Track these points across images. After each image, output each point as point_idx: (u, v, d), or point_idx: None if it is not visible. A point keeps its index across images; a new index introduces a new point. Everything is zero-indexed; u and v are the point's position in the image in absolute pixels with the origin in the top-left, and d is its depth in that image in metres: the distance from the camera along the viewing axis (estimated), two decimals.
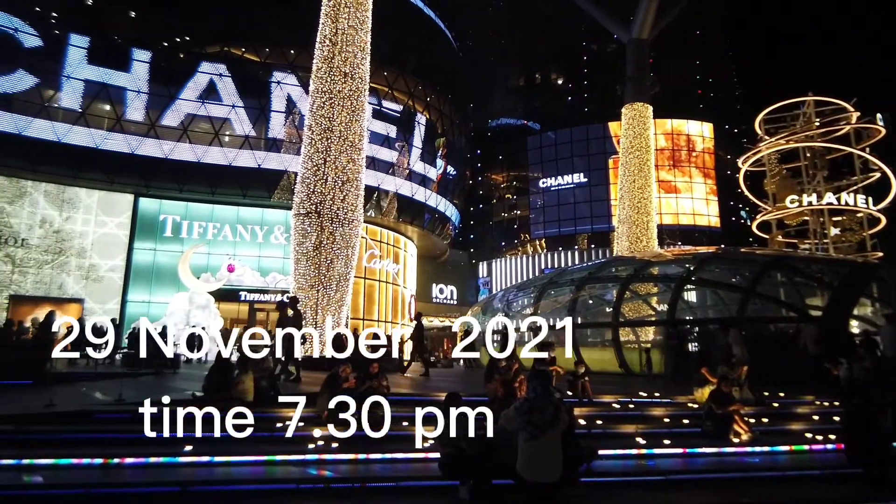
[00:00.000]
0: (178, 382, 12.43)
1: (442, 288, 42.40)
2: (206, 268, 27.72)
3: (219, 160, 27.25)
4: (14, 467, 6.22)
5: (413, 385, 12.73)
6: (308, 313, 18.18)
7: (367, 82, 20.36)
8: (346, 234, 19.00)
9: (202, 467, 6.50)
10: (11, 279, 24.77)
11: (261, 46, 29.50)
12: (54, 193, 25.98)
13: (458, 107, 37.91)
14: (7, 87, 23.78)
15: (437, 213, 35.16)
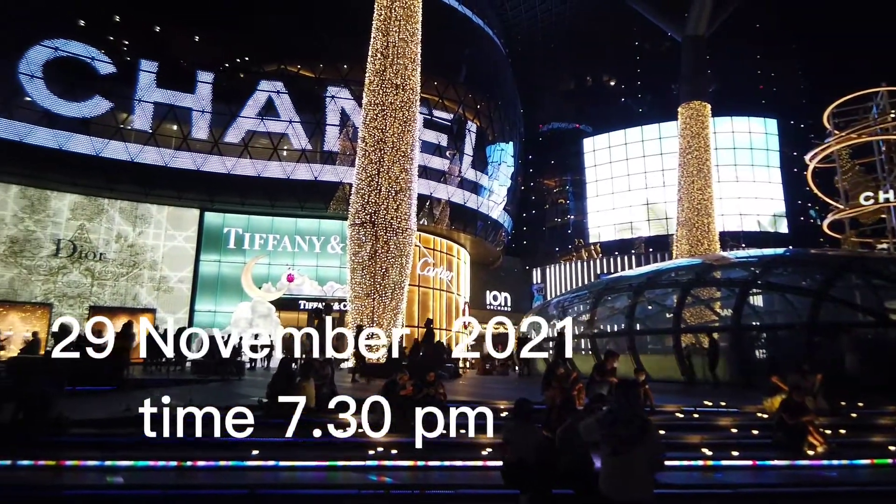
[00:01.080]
0: (243, 388, 12.91)
1: (496, 295, 42.25)
2: (267, 278, 28.74)
3: (277, 174, 28.25)
4: (98, 468, 6.64)
5: (470, 392, 12.73)
6: (364, 321, 18.58)
7: (418, 93, 20.68)
8: (400, 243, 19.31)
9: (268, 471, 6.73)
10: (91, 291, 26.46)
11: (315, 62, 30.46)
12: (128, 210, 27.63)
13: (509, 113, 37.84)
14: (86, 112, 25.50)
15: (490, 220, 35.13)
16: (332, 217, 28.75)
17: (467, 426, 8.29)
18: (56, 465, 6.66)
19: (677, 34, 30.14)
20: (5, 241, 24.84)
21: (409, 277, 20.15)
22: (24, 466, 6.67)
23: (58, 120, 24.82)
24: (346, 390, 11.30)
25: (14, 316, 25.04)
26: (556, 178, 57.00)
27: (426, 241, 31.72)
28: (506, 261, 43.60)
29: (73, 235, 26.25)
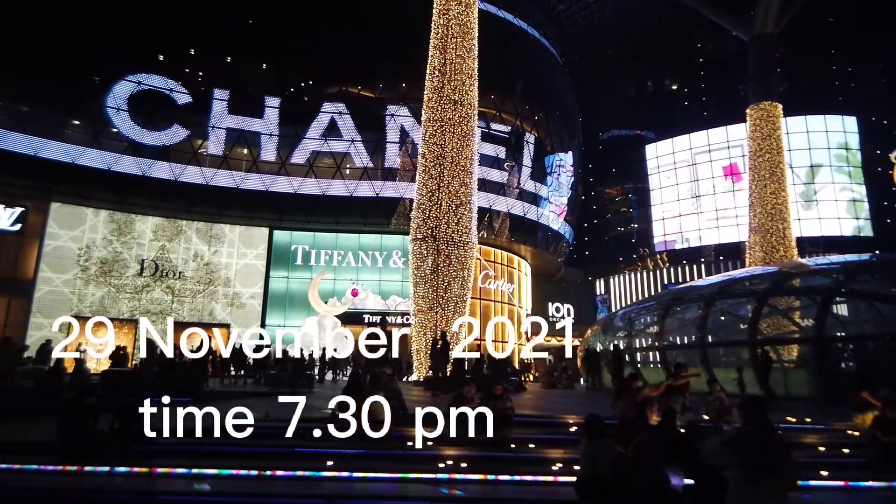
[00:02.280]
0: (315, 401, 13.30)
1: (558, 306, 41.61)
2: (332, 293, 29.60)
3: (341, 192, 29.16)
4: (186, 476, 7.05)
5: (536, 406, 12.60)
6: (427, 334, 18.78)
7: (476, 108, 20.86)
8: (462, 257, 19.44)
9: (343, 482, 6.92)
10: (172, 307, 28.08)
11: (375, 83, 31.37)
12: (204, 230, 29.22)
13: (567, 122, 37.49)
14: (165, 140, 27.30)
15: (550, 231, 34.78)
16: (394, 232, 29.30)
17: (536, 440, 8.25)
18: (149, 472, 7.13)
19: (743, 33, 29.01)
20: (96, 262, 26.81)
21: (471, 290, 20.22)
22: (120, 473, 7.17)
23: (141, 148, 26.69)
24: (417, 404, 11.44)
25: (104, 331, 26.84)
26: (618, 187, 55.83)
27: (486, 254, 31.75)
28: (567, 272, 42.93)
29: (155, 255, 28.02)
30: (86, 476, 7.09)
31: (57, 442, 8.13)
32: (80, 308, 26.29)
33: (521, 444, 8.10)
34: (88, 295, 26.60)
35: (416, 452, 7.86)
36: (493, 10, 32.23)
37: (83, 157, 25.44)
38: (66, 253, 26.34)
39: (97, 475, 7.12)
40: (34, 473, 7.18)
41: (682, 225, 47.85)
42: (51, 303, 25.74)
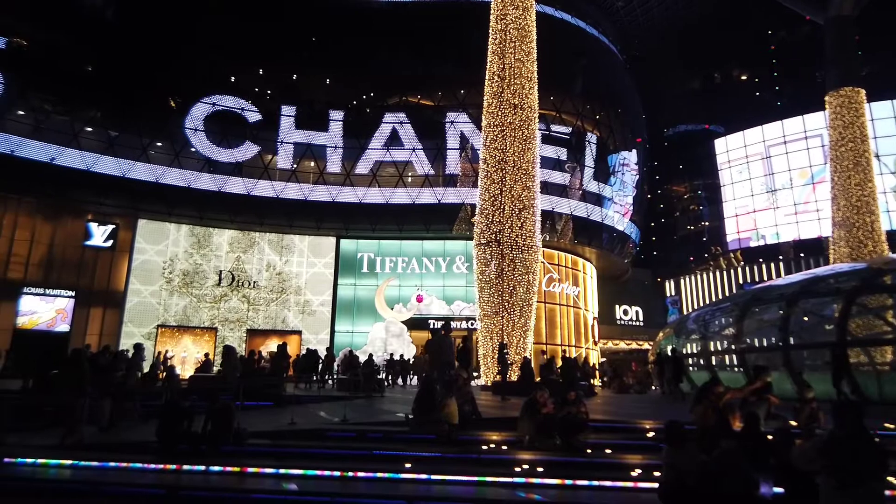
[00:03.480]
0: (387, 405, 13.63)
1: (626, 309, 40.55)
2: (397, 299, 30.15)
3: (404, 200, 29.72)
4: (274, 476, 7.42)
5: (610, 412, 12.38)
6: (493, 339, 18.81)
7: (537, 111, 20.77)
8: (526, 260, 19.35)
9: (421, 484, 7.08)
10: (247, 316, 29.47)
11: (434, 91, 31.82)
12: (275, 241, 30.52)
13: (630, 120, 36.61)
14: (238, 156, 28.76)
15: (616, 232, 34.01)
16: (457, 238, 29.54)
17: (612, 446, 8.14)
18: (240, 472, 7.56)
19: (818, 17, 27.41)
20: (179, 274, 28.55)
21: (536, 294, 20.08)
22: (215, 472, 7.65)
23: (217, 165, 28.25)
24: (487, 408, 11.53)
25: (187, 339, 28.57)
26: (686, 184, 53.80)
27: (550, 257, 31.42)
28: (635, 273, 41.77)
29: (231, 266, 29.51)
30: (184, 474, 7.61)
31: (156, 443, 8.76)
32: (166, 317, 28.07)
33: (597, 449, 8.01)
34: (173, 305, 28.35)
35: (491, 456, 7.95)
36: (551, 11, 32.02)
37: (166, 177, 27.20)
38: (152, 266, 28.21)
39: (194, 474, 7.62)
40: (139, 471, 7.77)
41: (757, 221, 45.53)
42: (140, 313, 27.63)
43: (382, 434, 9.03)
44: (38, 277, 25.88)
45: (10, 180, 24.65)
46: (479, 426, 9.30)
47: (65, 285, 26.30)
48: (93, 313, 26.90)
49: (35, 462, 8.13)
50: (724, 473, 5.11)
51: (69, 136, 25.48)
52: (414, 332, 29.14)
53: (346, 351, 27.06)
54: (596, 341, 34.55)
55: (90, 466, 7.96)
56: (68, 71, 26.84)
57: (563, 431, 8.00)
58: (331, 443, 8.84)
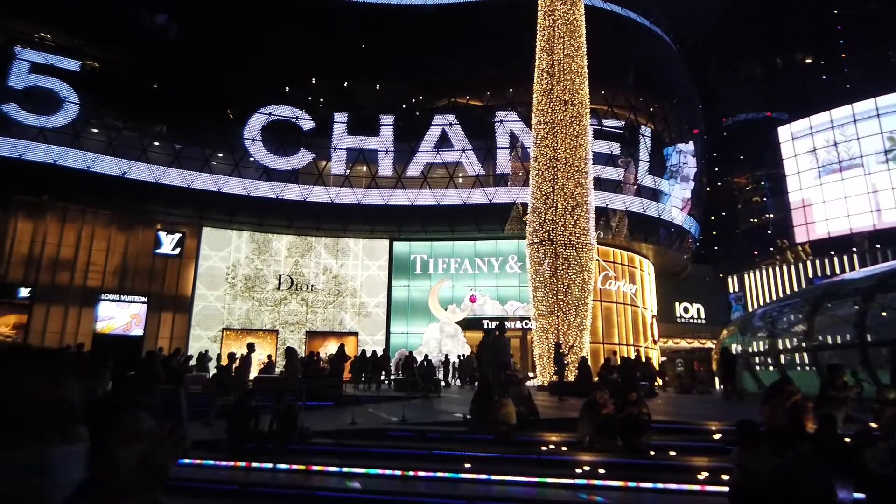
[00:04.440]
0: (444, 405, 13.74)
1: (686, 306, 39.22)
2: (451, 300, 30.29)
3: (455, 201, 29.83)
4: (338, 474, 7.63)
5: (674, 413, 12.03)
6: (549, 339, 18.63)
7: (588, 106, 20.43)
8: (581, 258, 19.08)
9: (481, 484, 7.11)
10: (306, 318, 30.33)
11: (482, 91, 31.80)
12: (331, 245, 31.27)
13: (685, 111, 35.41)
14: (294, 164, 29.64)
15: (674, 227, 32.95)
16: (509, 237, 29.37)
17: (677, 447, 7.92)
18: (305, 470, 7.82)
19: None
20: (241, 279, 29.69)
21: (592, 293, 19.74)
22: (281, 470, 7.94)
23: (274, 174, 29.20)
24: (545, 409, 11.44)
25: (251, 341, 29.60)
26: (748, 175, 51.59)
27: (605, 255, 30.78)
28: (695, 269, 40.31)
29: (290, 271, 30.45)
30: (253, 472, 7.94)
31: (226, 441, 9.18)
32: (230, 321, 29.26)
33: (660, 451, 7.81)
34: (236, 309, 29.51)
35: (550, 457, 7.89)
36: (599, 3, 31.39)
37: (227, 186, 28.36)
38: (217, 272, 29.46)
39: (263, 471, 7.95)
40: (211, 468, 8.16)
41: (827, 211, 43.05)
42: (206, 317, 28.93)
43: (441, 434, 9.13)
44: (113, 285, 27.51)
45: (87, 194, 26.33)
46: (537, 427, 9.25)
47: (138, 292, 27.85)
48: (163, 317, 28.36)
49: None
50: (798, 477, 4.89)
51: (139, 151, 26.97)
52: (468, 332, 29.18)
53: (402, 351, 27.48)
54: (655, 340, 33.59)
55: None
56: (136, 89, 28.41)
57: (625, 432, 7.86)
58: (391, 442, 9.01)
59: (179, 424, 8.88)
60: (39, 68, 25.57)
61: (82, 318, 26.43)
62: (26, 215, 25.93)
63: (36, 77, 25.37)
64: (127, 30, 29.06)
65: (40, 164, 24.75)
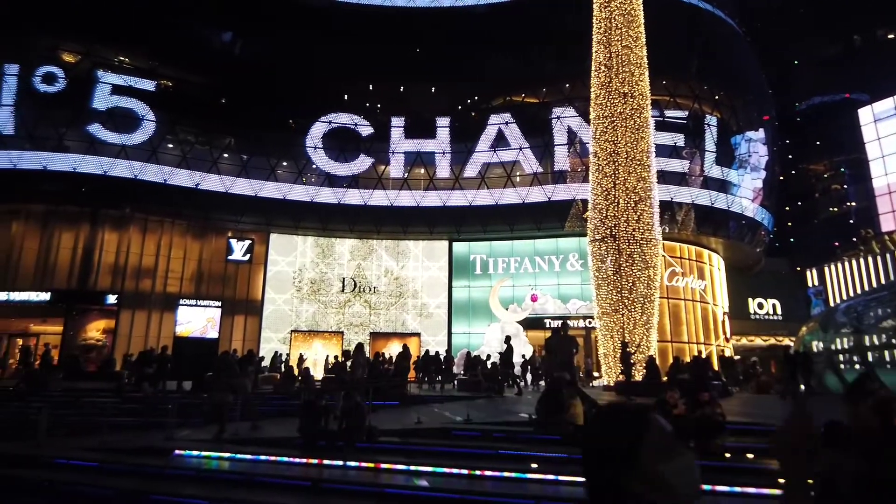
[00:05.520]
0: (508, 405, 13.70)
1: (760, 302, 37.31)
2: (512, 299, 30.13)
3: (513, 200, 29.67)
4: (406, 472, 7.78)
5: (750, 413, 11.51)
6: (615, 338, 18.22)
7: (648, 97, 19.86)
8: (645, 254, 18.56)
9: (549, 485, 7.06)
10: (370, 320, 30.99)
11: (538, 88, 31.45)
12: (391, 247, 31.82)
13: (754, 97, 33.69)
14: (354, 169, 30.37)
15: (744, 219, 31.41)
16: (569, 235, 28.92)
17: (755, 450, 7.58)
18: (374, 468, 8.01)
19: None
20: (307, 282, 30.71)
21: (658, 290, 19.14)
22: (351, 467, 8.17)
23: (335, 179, 30.03)
24: None
25: (317, 342, 30.63)
26: (825, 161, 48.44)
27: (672, 250, 29.77)
28: (769, 263, 38.27)
29: (353, 273, 31.21)
30: (325, 469, 8.21)
31: (298, 439, 9.53)
32: (298, 323, 30.31)
33: (737, 453, 7.50)
34: (303, 312, 30.54)
35: None
36: None
37: (292, 193, 29.40)
38: (284, 276, 30.60)
39: (333, 468, 8.20)
40: (286, 465, 8.50)
41: None
42: (276, 320, 30.10)
43: (507, 434, 9.12)
44: (191, 290, 29.12)
45: (165, 205, 28.00)
46: None
47: (213, 296, 29.35)
48: (236, 321, 29.73)
49: (199, 455, 9.18)
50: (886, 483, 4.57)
51: (209, 163, 28.41)
52: (530, 331, 28.93)
53: (463, 352, 27.61)
54: (728, 338, 32.15)
55: (245, 459, 8.84)
56: (206, 105, 29.92)
57: (698, 434, 7.58)
58: (456, 441, 9.09)
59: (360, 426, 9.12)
60: (119, 90, 27.38)
61: (164, 322, 28.10)
62: (112, 227, 27.84)
63: (116, 98, 27.17)
64: (196, 49, 30.70)
65: (123, 179, 26.52)
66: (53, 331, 27.07)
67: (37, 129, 25.91)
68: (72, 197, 26.54)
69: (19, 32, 26.94)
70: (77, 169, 25.90)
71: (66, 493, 8.21)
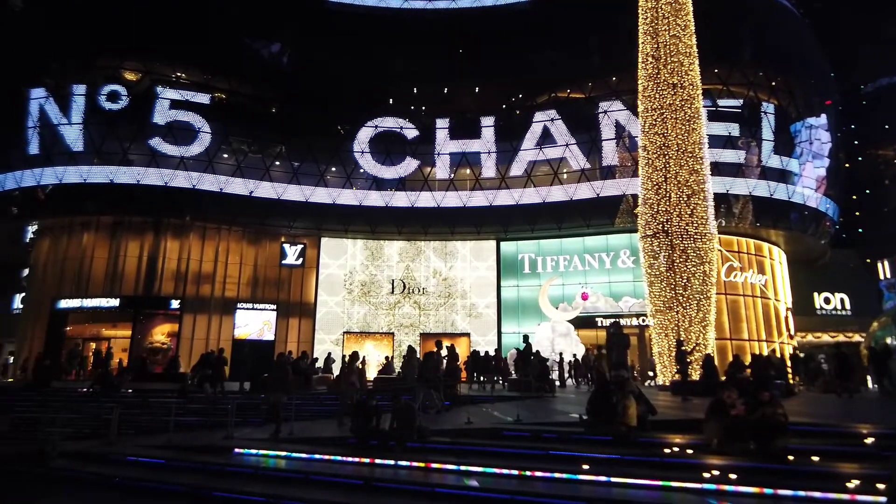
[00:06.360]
0: (559, 405, 13.55)
1: (827, 297, 35.39)
2: (561, 298, 29.74)
3: (560, 197, 29.29)
4: (455, 472, 7.83)
5: (815, 414, 10.97)
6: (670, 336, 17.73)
7: (699, 87, 19.24)
8: (700, 249, 18.02)
9: (600, 486, 6.95)
10: (419, 320, 31.27)
11: (583, 83, 30.91)
12: (439, 248, 32.00)
13: (814, 82, 32.01)
14: (401, 172, 30.69)
15: (807, 210, 29.87)
16: (619, 231, 28.31)
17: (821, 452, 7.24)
18: (425, 467, 8.10)
19: None
20: (358, 284, 31.28)
21: (714, 286, 18.49)
22: (402, 466, 8.29)
23: (383, 183, 30.46)
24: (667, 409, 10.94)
25: (369, 343, 31.14)
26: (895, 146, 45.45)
27: (728, 244, 28.69)
28: (836, 255, 36.24)
29: (402, 275, 31.57)
30: (377, 468, 8.36)
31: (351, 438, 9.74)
32: (350, 325, 30.91)
33: (801, 455, 7.16)
34: (355, 313, 31.12)
35: (675, 460, 7.53)
36: None
37: (341, 197, 30.02)
38: (335, 279, 31.28)
39: (385, 467, 8.34)
40: (339, 463, 8.71)
41: None
42: (328, 321, 30.80)
43: (557, 434, 9.02)
44: (247, 294, 30.19)
45: (221, 213, 29.12)
46: (658, 428, 8.85)
47: (268, 300, 30.35)
48: (291, 323, 30.60)
49: (258, 453, 9.52)
50: None
51: (262, 171, 29.35)
52: (581, 330, 28.49)
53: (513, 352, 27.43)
54: (791, 335, 30.69)
55: (300, 458, 9.11)
56: (257, 115, 30.94)
57: (758, 435, 7.30)
58: (506, 442, 9.07)
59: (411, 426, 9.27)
60: (177, 104, 28.65)
61: (223, 325, 29.23)
62: (173, 235, 29.18)
63: (175, 112, 28.45)
64: (246, 62, 31.77)
65: (182, 190, 27.75)
66: (123, 335, 28.63)
67: (104, 145, 27.45)
68: (137, 207, 27.99)
69: (86, 55, 28.62)
70: (140, 181, 27.29)
71: (136, 489, 8.68)
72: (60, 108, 27.52)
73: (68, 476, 9.57)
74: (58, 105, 27.57)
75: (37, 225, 30.49)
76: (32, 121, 27.69)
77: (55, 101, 27.64)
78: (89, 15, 28.38)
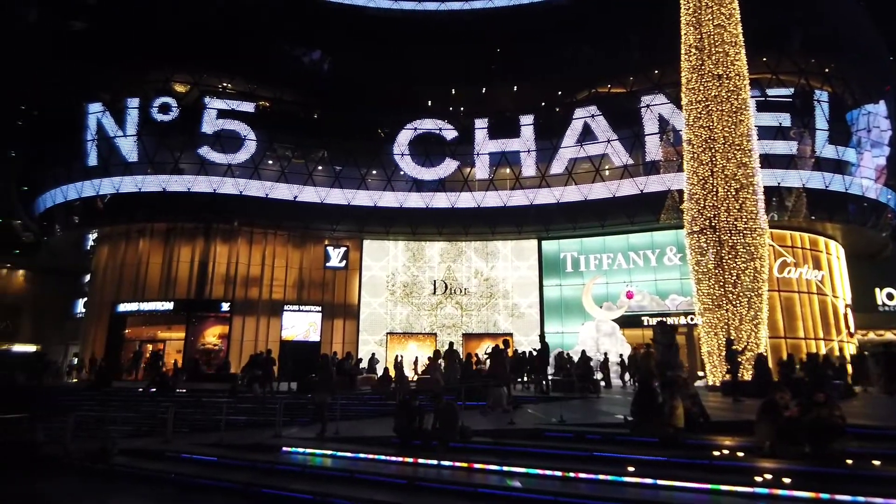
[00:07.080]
0: (604, 406, 13.35)
1: (890, 292, 33.55)
2: (605, 297, 29.23)
3: (603, 194, 28.77)
4: (498, 472, 7.82)
5: (877, 416, 10.45)
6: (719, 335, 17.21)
7: (746, 77, 18.61)
8: (750, 245, 17.45)
9: (647, 489, 6.82)
10: (462, 321, 31.32)
11: (625, 77, 30.27)
12: (480, 248, 31.99)
13: (871, 66, 30.36)
14: (441, 173, 30.81)
15: (866, 201, 28.37)
16: (665, 227, 27.63)
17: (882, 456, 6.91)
18: (467, 467, 8.12)
19: None
20: (400, 286, 31.60)
21: (766, 282, 17.82)
22: (445, 466, 8.34)
23: (423, 184, 30.64)
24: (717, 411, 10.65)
25: (412, 343, 31.41)
26: None
27: (781, 239, 27.57)
28: None
29: (443, 276, 31.71)
30: (420, 468, 8.44)
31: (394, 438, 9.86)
32: (393, 325, 31.25)
33: (860, 459, 6.84)
34: (397, 314, 31.45)
35: (724, 463, 7.31)
36: None
37: (382, 200, 30.38)
38: (378, 281, 31.69)
39: (428, 467, 8.41)
40: (383, 463, 8.84)
41: None
42: (372, 322, 31.24)
43: (601, 436, 8.89)
44: (293, 297, 30.95)
45: (267, 218, 29.94)
46: (706, 430, 8.61)
47: (313, 302, 31.03)
48: (335, 324, 31.19)
49: (304, 452, 9.76)
50: None
51: (305, 176, 30.02)
52: (627, 329, 27.92)
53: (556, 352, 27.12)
54: (851, 332, 29.23)
55: (345, 457, 9.29)
56: (300, 121, 31.66)
57: (813, 437, 7.00)
58: (549, 443, 9.00)
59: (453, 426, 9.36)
60: (224, 114, 29.61)
61: (271, 326, 30.05)
62: (222, 240, 30.19)
63: (222, 122, 29.41)
64: (288, 70, 32.57)
65: (230, 196, 28.68)
66: (177, 337, 29.80)
67: (156, 155, 28.66)
68: (188, 214, 29.09)
69: (138, 69, 29.93)
70: (191, 189, 28.34)
71: (190, 486, 9.05)
72: (116, 121, 28.89)
73: (128, 472, 10.05)
74: (113, 118, 28.95)
75: (97, 233, 32.08)
76: (91, 134, 29.14)
77: (111, 115, 29.03)
78: (139, 30, 29.71)
